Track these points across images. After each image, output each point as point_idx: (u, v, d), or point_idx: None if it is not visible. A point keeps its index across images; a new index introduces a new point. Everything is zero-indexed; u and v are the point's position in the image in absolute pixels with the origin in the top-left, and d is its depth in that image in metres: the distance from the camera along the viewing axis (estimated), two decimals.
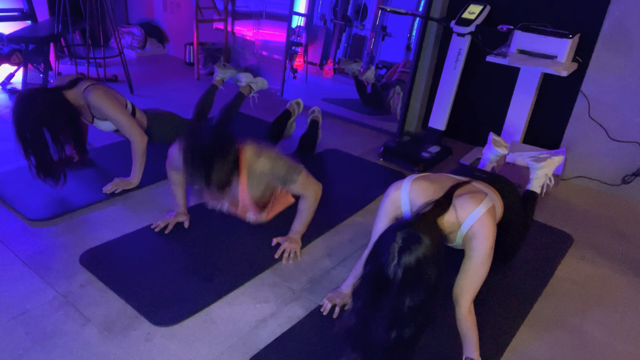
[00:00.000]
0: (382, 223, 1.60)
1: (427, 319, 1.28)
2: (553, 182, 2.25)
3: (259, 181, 1.90)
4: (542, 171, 2.18)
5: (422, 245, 1.19)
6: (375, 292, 1.24)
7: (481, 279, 1.45)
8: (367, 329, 1.26)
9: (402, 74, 3.36)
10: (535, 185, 2.18)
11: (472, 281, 1.44)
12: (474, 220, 1.44)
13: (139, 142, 2.35)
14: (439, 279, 1.24)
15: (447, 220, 1.43)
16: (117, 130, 2.45)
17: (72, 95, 2.28)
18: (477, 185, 1.61)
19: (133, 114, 2.47)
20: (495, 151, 2.26)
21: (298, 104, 3.03)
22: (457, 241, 1.52)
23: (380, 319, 1.23)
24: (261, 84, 3.23)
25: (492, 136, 2.28)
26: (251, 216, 2.08)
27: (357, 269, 1.70)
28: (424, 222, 1.29)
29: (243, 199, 1.94)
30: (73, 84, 2.30)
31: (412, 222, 1.27)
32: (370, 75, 3.52)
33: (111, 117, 2.33)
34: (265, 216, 2.16)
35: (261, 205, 2.07)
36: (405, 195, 1.54)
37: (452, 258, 1.61)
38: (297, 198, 2.09)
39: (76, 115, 2.31)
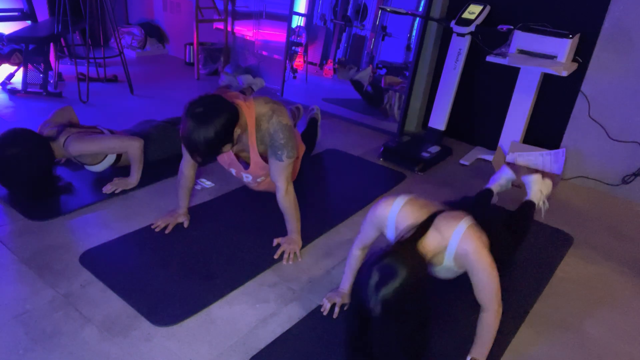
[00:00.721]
0: (367, 229, 1.64)
1: (421, 345, 1.28)
2: (547, 206, 2.31)
3: (262, 139, 1.91)
4: (536, 187, 2.25)
5: (398, 277, 1.17)
6: (363, 322, 1.24)
7: (497, 285, 1.42)
8: (365, 346, 1.28)
9: (402, 88, 3.35)
10: (533, 197, 2.23)
11: (489, 291, 1.42)
12: (459, 235, 1.41)
13: (135, 148, 2.37)
14: (424, 307, 1.23)
15: (430, 242, 1.40)
16: (115, 163, 2.46)
17: (56, 147, 2.30)
18: (462, 212, 1.55)
19: None
20: (510, 174, 2.33)
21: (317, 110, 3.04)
22: (445, 262, 1.48)
23: (374, 342, 1.24)
24: (260, 84, 3.34)
25: (507, 163, 2.34)
26: (259, 179, 2.12)
27: (352, 266, 1.71)
28: (402, 251, 1.26)
29: (253, 153, 1.95)
30: (55, 137, 2.31)
31: (388, 253, 1.24)
32: (365, 75, 3.51)
33: (99, 150, 2.34)
34: (261, 182, 2.17)
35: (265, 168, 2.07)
36: (393, 217, 1.51)
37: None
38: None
39: (50, 169, 2.29)
